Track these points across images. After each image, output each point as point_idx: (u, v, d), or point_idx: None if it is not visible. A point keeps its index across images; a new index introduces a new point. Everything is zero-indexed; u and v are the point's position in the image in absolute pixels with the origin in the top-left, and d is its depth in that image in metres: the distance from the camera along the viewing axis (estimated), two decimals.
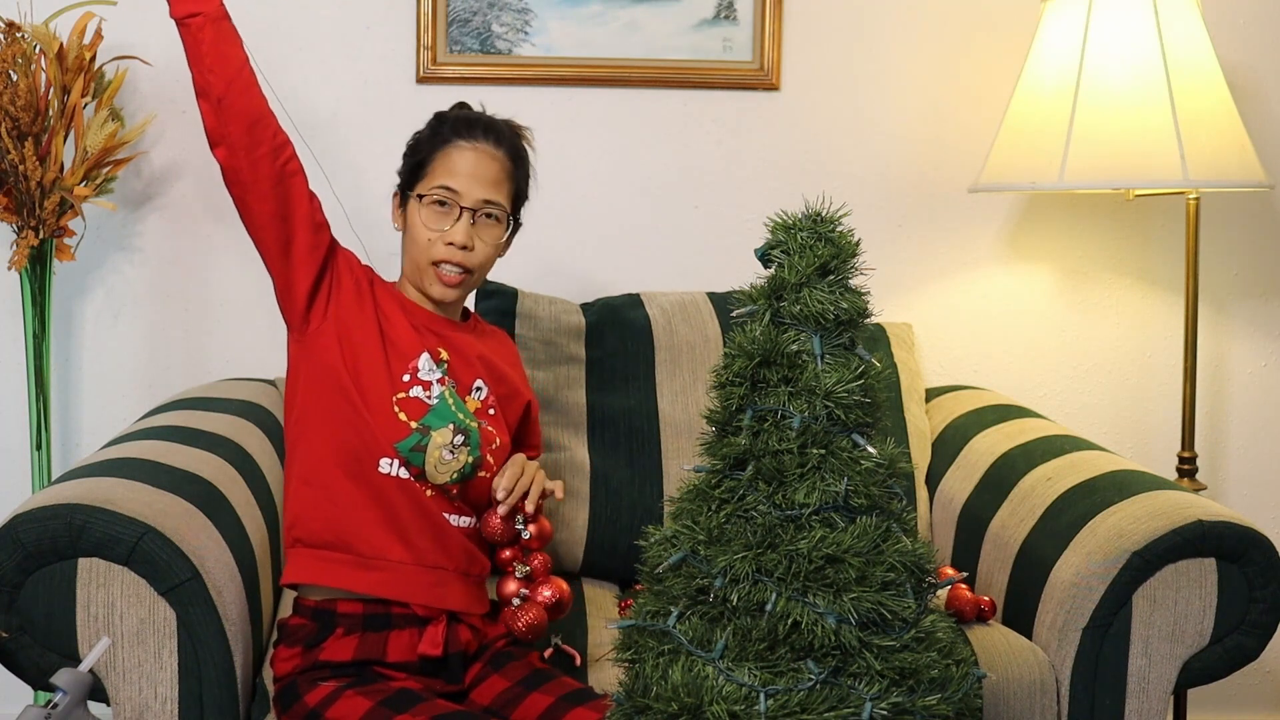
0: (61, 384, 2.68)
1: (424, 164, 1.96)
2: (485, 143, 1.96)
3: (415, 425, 1.88)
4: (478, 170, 1.94)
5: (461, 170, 1.94)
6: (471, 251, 1.94)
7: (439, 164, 1.95)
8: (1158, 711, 2.02)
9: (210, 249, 2.68)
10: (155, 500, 1.88)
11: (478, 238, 1.94)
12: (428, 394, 1.90)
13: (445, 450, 1.89)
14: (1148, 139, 2.39)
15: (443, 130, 1.97)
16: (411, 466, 1.88)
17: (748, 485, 1.53)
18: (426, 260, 1.94)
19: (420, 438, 1.88)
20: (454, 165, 1.94)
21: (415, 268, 1.96)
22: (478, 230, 1.94)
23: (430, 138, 1.98)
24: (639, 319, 2.49)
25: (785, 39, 2.75)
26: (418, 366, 1.92)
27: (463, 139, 1.95)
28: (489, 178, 1.95)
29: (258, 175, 1.84)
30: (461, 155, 1.94)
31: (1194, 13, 2.49)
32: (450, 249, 1.93)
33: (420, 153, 1.98)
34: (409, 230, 1.97)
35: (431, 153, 1.96)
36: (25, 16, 2.48)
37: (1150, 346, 2.88)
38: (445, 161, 1.94)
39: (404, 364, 1.92)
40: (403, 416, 1.89)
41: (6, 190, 2.41)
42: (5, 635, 1.80)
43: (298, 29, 2.67)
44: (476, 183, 1.94)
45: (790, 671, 1.48)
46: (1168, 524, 1.99)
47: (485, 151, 1.95)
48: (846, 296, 1.54)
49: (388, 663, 1.87)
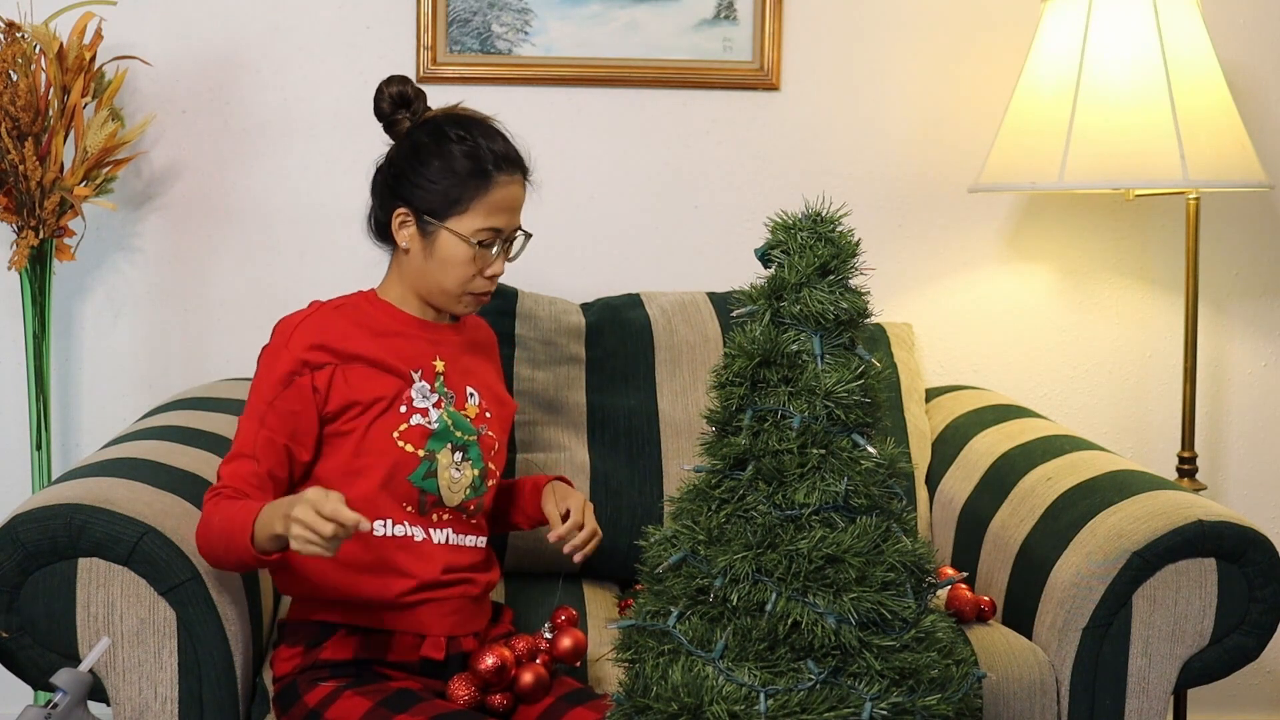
0: (61, 384, 2.67)
1: (460, 198, 1.87)
2: (518, 173, 1.91)
3: (423, 452, 1.87)
4: (516, 204, 1.91)
5: (507, 209, 1.89)
6: (499, 278, 1.93)
7: (484, 202, 1.87)
8: (1158, 711, 2.02)
9: (210, 249, 2.68)
10: (155, 500, 1.88)
11: (505, 262, 1.93)
12: (427, 420, 1.89)
13: (452, 470, 1.89)
14: (1148, 139, 2.39)
15: (486, 167, 1.87)
16: (428, 494, 1.87)
17: (748, 485, 1.53)
18: (463, 291, 1.90)
19: (429, 464, 1.87)
20: (500, 204, 1.88)
21: (442, 294, 1.91)
22: (504, 259, 1.93)
23: (473, 173, 1.87)
24: (639, 319, 2.49)
25: (785, 39, 2.75)
26: (411, 396, 1.89)
27: (504, 174, 1.89)
28: (520, 206, 1.93)
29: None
30: (505, 192, 1.89)
31: (1194, 13, 2.49)
32: (489, 281, 1.91)
33: (451, 180, 1.87)
34: (441, 260, 1.88)
35: (474, 188, 1.87)
36: (25, 16, 2.48)
37: (1150, 346, 2.88)
38: (490, 200, 1.87)
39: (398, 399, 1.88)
40: (409, 448, 1.87)
41: (6, 190, 2.41)
42: (5, 635, 1.80)
43: (298, 29, 2.67)
44: (514, 216, 1.91)
45: (790, 671, 1.48)
46: (1168, 524, 1.99)
47: (519, 183, 1.91)
48: (846, 296, 1.54)
49: (388, 662, 1.87)
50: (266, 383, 1.86)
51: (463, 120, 1.93)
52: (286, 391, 1.84)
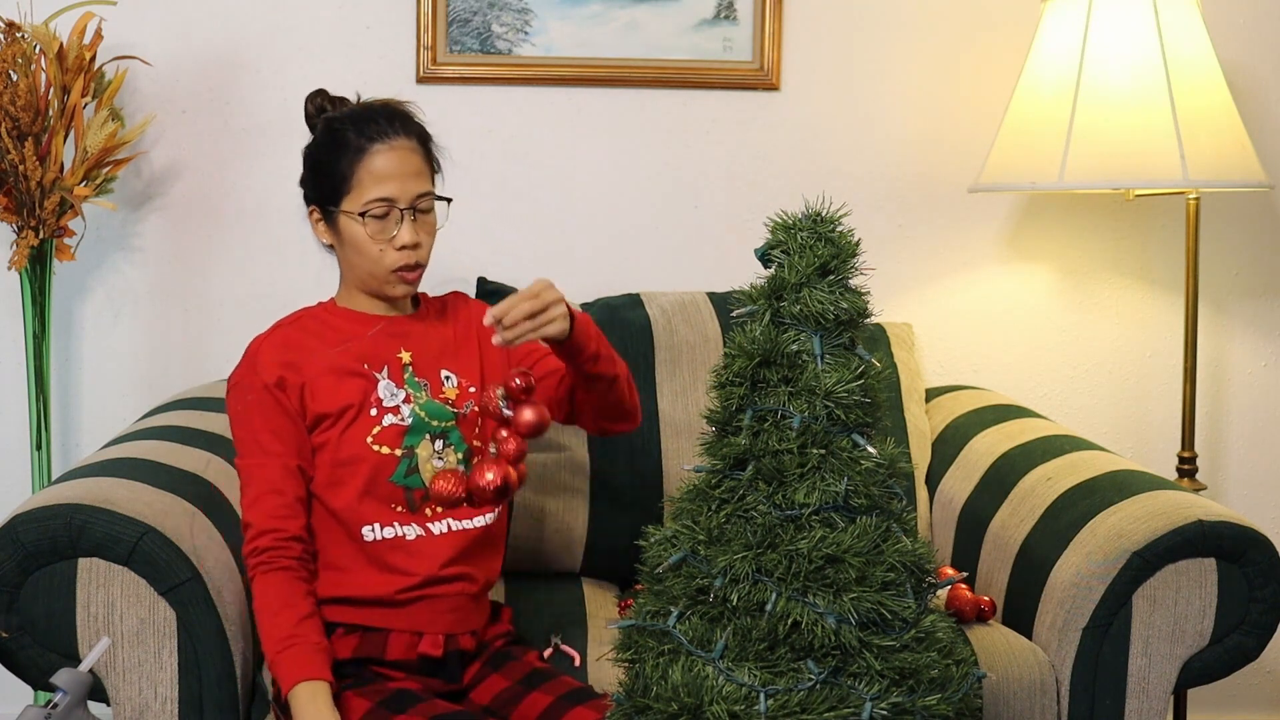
0: (61, 384, 2.67)
1: (343, 177, 1.88)
2: (398, 137, 1.89)
3: (400, 451, 1.87)
4: (403, 169, 1.88)
5: (389, 175, 1.87)
6: (420, 247, 1.90)
7: (363, 175, 1.87)
8: (1158, 711, 2.02)
9: (210, 249, 2.68)
10: (155, 500, 1.88)
11: (421, 231, 1.90)
12: (399, 417, 1.89)
13: (434, 460, 1.88)
14: (1148, 139, 2.39)
15: (349, 137, 1.88)
16: (414, 490, 1.87)
17: (748, 485, 1.53)
18: (384, 271, 1.89)
19: (409, 461, 1.87)
20: (379, 172, 1.87)
21: (371, 278, 1.90)
22: (419, 225, 1.90)
23: (338, 147, 1.88)
24: (639, 319, 2.49)
25: (785, 39, 2.74)
26: (380, 397, 1.89)
27: (377, 142, 1.88)
28: (413, 171, 1.89)
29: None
30: (383, 159, 1.87)
31: (1194, 13, 2.49)
32: (404, 253, 1.88)
33: (333, 166, 1.88)
34: (351, 246, 1.89)
35: (349, 164, 1.87)
36: (25, 16, 2.48)
37: (1150, 346, 2.88)
38: (369, 171, 1.87)
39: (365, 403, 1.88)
40: (385, 450, 1.87)
41: (6, 190, 2.41)
42: (5, 635, 1.80)
43: (298, 29, 2.67)
44: (407, 181, 1.88)
45: (790, 671, 1.48)
46: (1168, 524, 1.99)
47: (401, 147, 1.89)
48: (846, 296, 1.54)
49: (386, 661, 1.87)
50: (250, 415, 1.87)
51: (346, 109, 1.96)
52: (272, 414, 1.86)
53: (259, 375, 1.87)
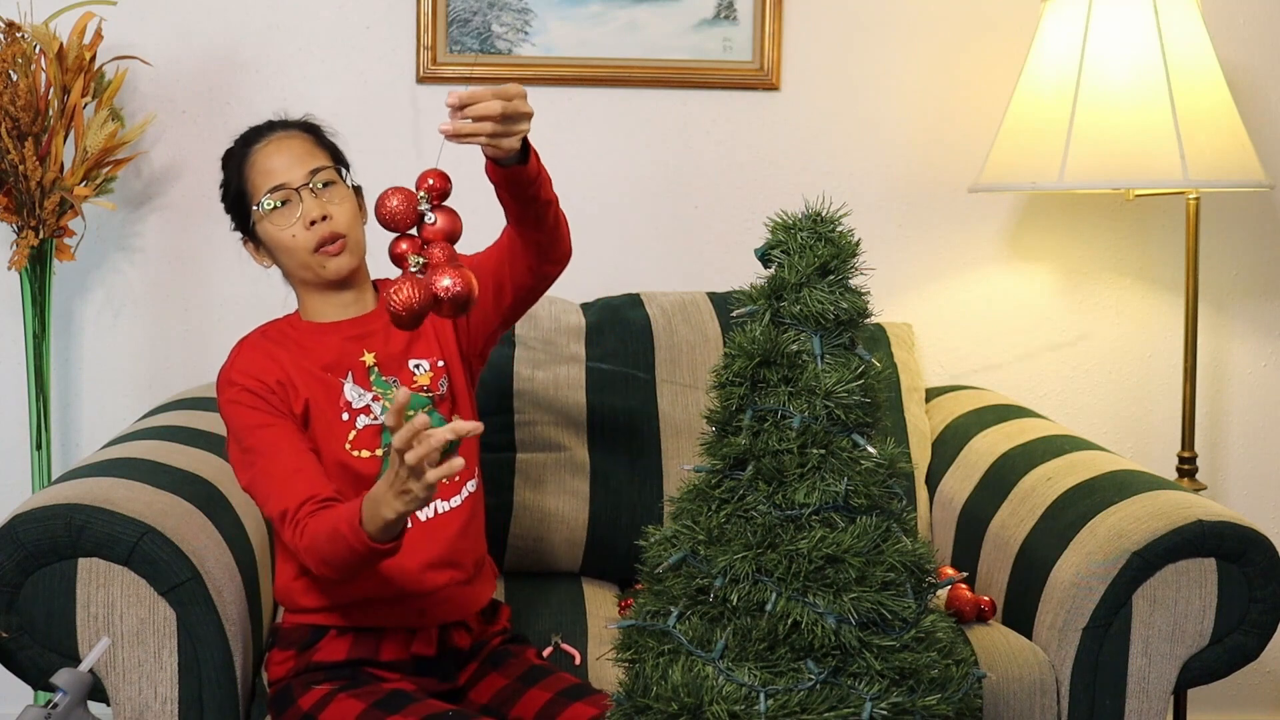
0: (61, 384, 2.67)
1: (241, 191, 1.93)
2: (276, 131, 1.94)
3: (380, 451, 1.88)
4: (289, 154, 1.91)
5: (275, 165, 1.90)
6: (331, 218, 1.89)
7: (253, 176, 1.91)
8: (1158, 711, 2.02)
9: (210, 249, 2.68)
10: (155, 500, 1.88)
11: (329, 204, 1.90)
12: (372, 417, 1.89)
13: None
14: (1148, 139, 2.39)
15: (234, 151, 1.95)
16: None
17: (748, 485, 1.53)
18: (306, 254, 1.89)
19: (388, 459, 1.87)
20: (265, 166, 1.90)
21: (303, 269, 1.91)
22: (323, 199, 1.90)
23: (231, 165, 1.95)
24: (639, 319, 2.49)
25: (785, 39, 2.74)
26: (349, 401, 1.89)
27: (256, 143, 1.93)
28: (300, 153, 1.92)
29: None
30: (265, 154, 1.91)
31: (1194, 13, 2.49)
32: (314, 228, 1.88)
33: (231, 185, 1.95)
34: (273, 245, 1.91)
35: (242, 175, 1.93)
36: (25, 16, 2.48)
37: (1150, 346, 2.88)
38: (256, 170, 1.91)
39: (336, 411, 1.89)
40: (364, 454, 1.88)
41: (6, 190, 2.41)
42: (5, 635, 1.80)
43: (298, 29, 2.67)
44: (293, 163, 1.90)
45: (790, 671, 1.48)
46: (1168, 524, 1.99)
47: (282, 138, 1.93)
48: (846, 296, 1.54)
49: (381, 662, 1.87)
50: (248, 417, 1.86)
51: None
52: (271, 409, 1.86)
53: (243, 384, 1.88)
